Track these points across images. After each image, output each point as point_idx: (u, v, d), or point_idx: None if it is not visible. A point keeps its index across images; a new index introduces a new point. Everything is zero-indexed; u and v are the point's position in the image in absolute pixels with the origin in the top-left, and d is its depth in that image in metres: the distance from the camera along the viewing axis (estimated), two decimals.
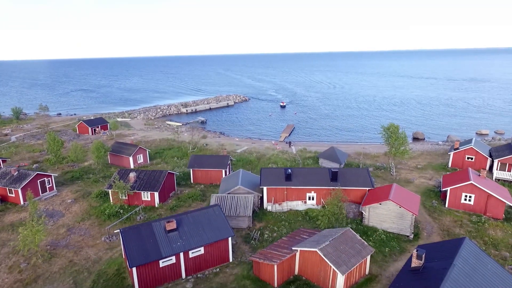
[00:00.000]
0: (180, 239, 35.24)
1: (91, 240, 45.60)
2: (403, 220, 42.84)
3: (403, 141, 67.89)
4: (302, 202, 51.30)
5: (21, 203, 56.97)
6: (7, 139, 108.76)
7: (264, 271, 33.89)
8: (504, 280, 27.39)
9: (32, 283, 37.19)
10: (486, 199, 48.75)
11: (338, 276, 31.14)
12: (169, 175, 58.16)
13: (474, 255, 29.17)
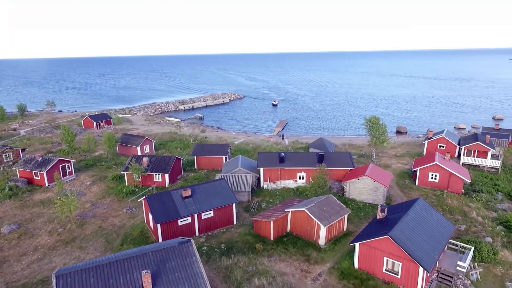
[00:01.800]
0: (194, 204, 43.46)
1: (114, 212, 53.56)
2: (377, 192, 51.58)
3: (383, 131, 76.84)
4: (294, 181, 59.82)
5: (46, 184, 64.47)
6: (17, 133, 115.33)
7: (262, 228, 42.27)
8: (443, 225, 36.23)
9: (71, 242, 45.05)
10: (448, 177, 57.73)
11: (321, 228, 39.65)
12: (177, 160, 66.23)
13: (424, 209, 37.94)
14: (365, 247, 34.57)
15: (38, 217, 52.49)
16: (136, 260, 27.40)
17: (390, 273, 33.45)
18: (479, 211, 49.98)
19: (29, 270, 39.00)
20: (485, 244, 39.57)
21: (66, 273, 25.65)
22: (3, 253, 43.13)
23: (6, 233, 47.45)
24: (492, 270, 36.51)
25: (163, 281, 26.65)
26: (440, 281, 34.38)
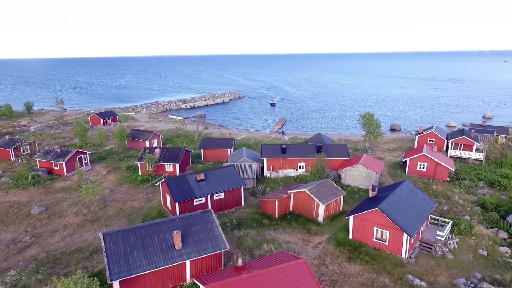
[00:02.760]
0: (207, 186, 48.93)
1: (131, 196, 58.90)
2: (370, 179, 57.24)
3: (377, 126, 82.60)
4: (294, 170, 65.43)
5: (65, 174, 69.63)
6: (27, 129, 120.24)
7: (268, 207, 47.81)
8: (426, 202, 42.09)
9: (96, 221, 50.33)
10: (435, 167, 63.55)
11: (320, 206, 45.24)
12: (186, 151, 71.67)
13: (410, 189, 43.68)
14: (358, 219, 40.17)
15: (62, 201, 57.71)
16: (167, 224, 32.87)
17: (379, 241, 39.05)
18: (461, 195, 55.80)
19: (63, 243, 44.27)
20: (463, 221, 45.34)
21: (111, 232, 31.07)
22: (37, 230, 48.36)
23: (37, 214, 52.67)
24: (468, 241, 42.22)
25: (190, 240, 32.13)
26: (422, 249, 40.03)
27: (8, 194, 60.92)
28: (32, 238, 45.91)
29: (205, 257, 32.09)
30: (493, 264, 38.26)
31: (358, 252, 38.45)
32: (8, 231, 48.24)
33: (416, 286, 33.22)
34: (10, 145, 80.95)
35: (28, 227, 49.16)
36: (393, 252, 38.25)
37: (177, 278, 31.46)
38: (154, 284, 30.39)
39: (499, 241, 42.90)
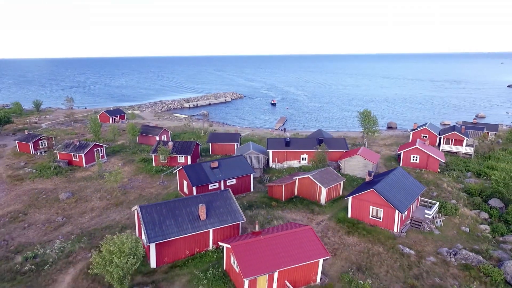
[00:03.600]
0: (221, 173, 54.37)
1: (149, 184, 64.26)
2: (367, 168, 62.76)
3: (374, 122, 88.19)
4: (298, 161, 70.95)
5: (84, 165, 74.91)
6: (39, 126, 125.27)
7: (275, 191, 53.27)
8: (416, 185, 47.67)
9: (119, 205, 55.66)
10: (427, 158, 69.14)
11: (322, 190, 50.74)
12: (196, 145, 77.06)
13: (402, 174, 49.23)
14: (356, 199, 45.67)
15: (85, 188, 63.02)
16: (192, 200, 38.34)
17: (374, 218, 44.54)
18: (449, 183, 61.41)
19: (93, 222, 49.60)
20: (450, 204, 50.93)
21: (146, 206, 36.49)
22: (67, 212, 53.65)
23: (64, 199, 57.97)
24: (453, 220, 47.78)
25: (212, 213, 37.58)
26: (412, 226, 45.55)
27: (34, 183, 66.17)
28: (64, 218, 51.23)
29: (225, 227, 37.52)
30: (474, 238, 43.82)
31: (356, 227, 43.93)
32: (41, 213, 53.55)
33: (406, 254, 38.70)
34: (30, 139, 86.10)
35: (59, 210, 54.47)
36: (386, 228, 43.74)
37: (202, 244, 36.90)
38: (183, 248, 35.81)
39: (480, 220, 48.50)
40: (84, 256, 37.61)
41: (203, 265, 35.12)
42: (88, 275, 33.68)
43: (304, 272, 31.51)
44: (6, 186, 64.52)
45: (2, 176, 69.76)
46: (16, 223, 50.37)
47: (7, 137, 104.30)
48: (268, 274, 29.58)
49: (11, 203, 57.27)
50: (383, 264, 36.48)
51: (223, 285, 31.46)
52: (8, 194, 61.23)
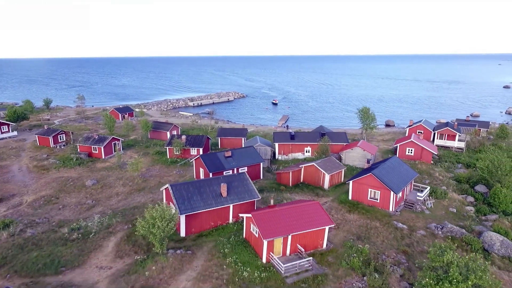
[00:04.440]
0: (233, 161, 60.19)
1: (166, 173, 70.01)
2: (365, 159, 68.55)
3: (372, 119, 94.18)
4: (302, 153, 76.82)
5: (102, 157, 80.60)
6: (51, 123, 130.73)
7: (283, 178, 59.12)
8: (409, 172, 53.66)
9: (141, 190, 61.39)
10: (421, 151, 75.08)
11: (326, 176, 56.61)
12: (207, 138, 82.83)
13: (397, 162, 55.16)
14: (356, 183, 51.54)
15: (107, 177, 68.74)
16: (215, 180, 44.24)
17: (372, 200, 50.39)
18: (441, 172, 67.40)
19: (121, 203, 55.35)
20: (440, 189, 56.83)
21: (176, 184, 42.30)
22: (95, 196, 59.39)
23: (90, 185, 63.71)
24: (442, 203, 53.68)
25: (231, 191, 43.42)
26: (406, 207, 51.43)
27: (60, 172, 71.87)
28: (93, 201, 57.00)
29: (243, 203, 43.32)
30: (459, 217, 49.73)
31: (356, 207, 49.77)
32: (71, 197, 59.29)
33: (399, 228, 44.55)
34: (50, 133, 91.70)
35: (87, 194, 60.22)
36: (383, 208, 49.58)
37: (223, 217, 42.72)
38: (207, 220, 41.62)
39: (466, 203, 54.44)
40: (122, 228, 43.38)
41: (225, 234, 40.89)
42: (129, 241, 39.52)
43: (313, 238, 37.31)
44: (35, 175, 70.21)
45: (29, 166, 75.41)
46: (50, 205, 56.10)
47: (24, 132, 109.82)
48: (283, 237, 35.37)
49: (42, 189, 62.96)
50: (380, 235, 42.33)
51: (244, 248, 37.22)
52: (38, 181, 66.92)
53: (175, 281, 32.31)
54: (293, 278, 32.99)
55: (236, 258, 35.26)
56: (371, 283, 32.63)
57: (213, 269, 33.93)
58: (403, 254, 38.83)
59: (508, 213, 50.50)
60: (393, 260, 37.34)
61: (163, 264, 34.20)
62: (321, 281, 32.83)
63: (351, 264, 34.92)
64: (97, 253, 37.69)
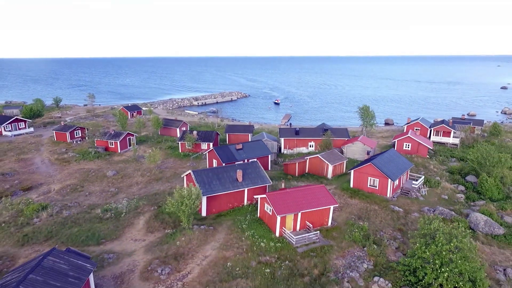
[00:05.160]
0: (244, 153, 65.43)
1: (179, 165, 75.20)
2: (365, 153, 73.85)
3: (372, 116, 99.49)
4: (306, 148, 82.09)
5: (118, 151, 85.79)
6: (63, 120, 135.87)
7: (290, 168, 64.36)
8: (405, 162, 58.88)
9: (159, 180, 66.56)
10: (417, 146, 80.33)
11: (329, 166, 61.87)
12: (216, 134, 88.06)
13: (395, 153, 60.48)
14: (357, 172, 56.78)
15: (125, 168, 73.93)
16: (231, 167, 49.58)
17: (371, 187, 55.62)
18: (435, 165, 72.66)
19: (142, 191, 60.51)
20: (434, 179, 62.08)
21: (197, 170, 47.56)
22: (117, 185, 64.52)
23: (111, 175, 68.87)
24: (435, 191, 58.92)
25: (246, 177, 48.69)
26: (402, 194, 56.68)
27: (80, 164, 77.04)
28: (116, 189, 62.16)
29: (256, 187, 48.57)
30: (450, 203, 54.98)
31: (357, 194, 55.00)
32: (95, 186, 64.46)
33: (396, 211, 49.78)
34: (66, 129, 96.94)
35: (109, 183, 65.38)
36: (381, 194, 54.80)
37: (239, 200, 47.98)
38: (225, 202, 46.87)
39: (457, 191, 59.69)
40: (149, 209, 48.61)
41: (241, 214, 46.10)
42: (157, 219, 44.78)
43: (319, 216, 42.53)
44: (57, 167, 75.40)
45: (50, 159, 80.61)
46: (77, 192, 61.25)
47: (39, 128, 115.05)
48: (294, 214, 40.59)
49: (67, 179, 68.14)
50: (378, 216, 47.57)
51: (259, 225, 42.42)
52: (61, 172, 72.12)
53: (202, 249, 37.54)
54: (303, 248, 38.22)
55: (253, 232, 40.49)
56: (370, 252, 37.85)
57: (234, 241, 39.15)
58: (399, 231, 44.08)
59: (494, 199, 55.72)
60: (390, 236, 42.60)
61: (190, 236, 39.45)
62: (327, 250, 38.07)
63: (353, 238, 40.18)
64: (130, 229, 42.94)
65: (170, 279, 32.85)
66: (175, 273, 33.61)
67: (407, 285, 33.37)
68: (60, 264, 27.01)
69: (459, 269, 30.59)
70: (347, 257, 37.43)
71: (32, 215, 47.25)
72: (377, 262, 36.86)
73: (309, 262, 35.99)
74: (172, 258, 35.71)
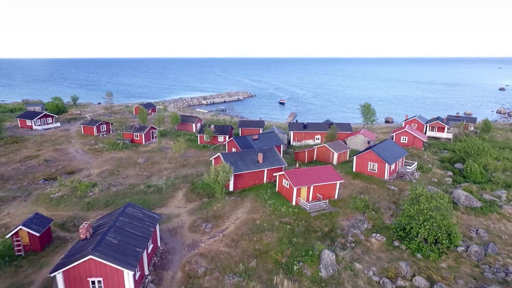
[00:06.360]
0: (260, 143, 74.63)
1: (200, 155, 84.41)
2: (367, 144, 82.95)
3: (373, 113, 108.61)
4: (313, 140, 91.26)
5: (143, 142, 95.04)
6: (83, 117, 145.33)
7: (300, 156, 73.52)
8: (401, 150, 68.01)
9: (184, 166, 75.71)
10: (413, 139, 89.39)
11: (335, 154, 71.00)
12: (231, 128, 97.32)
13: (391, 142, 69.72)
14: (359, 158, 65.87)
15: (153, 157, 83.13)
16: (252, 151, 58.70)
17: (371, 171, 64.67)
18: (429, 155, 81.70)
19: (172, 174, 69.59)
20: (426, 166, 71.12)
21: (225, 153, 56.78)
22: (148, 170, 73.62)
23: (142, 162, 78.08)
24: (427, 175, 67.94)
25: (265, 159, 57.92)
26: (397, 177, 65.75)
27: (111, 153, 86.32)
28: (148, 173, 71.34)
29: (274, 168, 57.75)
30: (439, 185, 63.97)
31: (359, 176, 64.06)
32: (129, 171, 73.63)
33: (392, 189, 58.81)
34: (93, 124, 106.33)
35: (141, 169, 74.57)
36: (379, 176, 63.84)
37: (260, 178, 57.20)
38: (249, 180, 56.09)
39: (446, 176, 68.71)
40: (184, 186, 57.85)
41: (262, 189, 55.27)
42: (193, 192, 54.03)
43: (328, 190, 51.65)
44: (92, 156, 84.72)
45: (84, 149, 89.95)
46: (115, 176, 70.43)
47: (64, 123, 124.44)
48: (307, 186, 49.75)
49: (103, 165, 77.41)
50: (376, 193, 56.65)
51: (278, 197, 51.58)
52: (96, 160, 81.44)
53: (234, 213, 46.73)
54: (315, 213, 47.35)
55: (273, 202, 49.69)
56: (369, 216, 46.98)
57: (259, 207, 48.34)
58: (393, 203, 53.19)
59: (477, 182, 64.68)
60: (386, 206, 51.71)
61: (224, 203, 48.67)
62: (335, 215, 47.19)
63: (356, 206, 49.33)
64: (172, 200, 52.18)
65: (213, 231, 42.07)
66: (216, 228, 42.82)
67: (398, 239, 42.48)
68: (137, 213, 36.20)
69: (437, 223, 39.67)
70: (351, 220, 46.58)
71: (86, 191, 56.49)
72: (375, 224, 45.99)
73: (320, 222, 45.14)
74: (212, 217, 44.93)
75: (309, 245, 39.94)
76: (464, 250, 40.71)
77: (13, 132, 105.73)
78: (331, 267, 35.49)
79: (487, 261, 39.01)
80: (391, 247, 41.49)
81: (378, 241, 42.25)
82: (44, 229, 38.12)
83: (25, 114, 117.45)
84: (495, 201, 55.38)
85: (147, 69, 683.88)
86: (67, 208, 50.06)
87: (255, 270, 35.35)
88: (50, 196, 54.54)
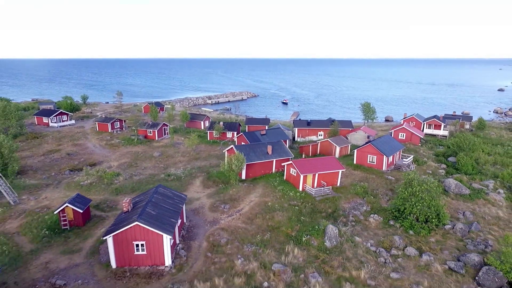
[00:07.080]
0: (267, 137, 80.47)
1: (211, 149, 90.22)
2: (367, 140, 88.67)
3: (373, 112, 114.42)
4: (316, 136, 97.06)
5: (156, 138, 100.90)
6: (94, 115, 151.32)
7: (305, 150, 79.32)
8: (398, 144, 73.69)
9: (197, 159, 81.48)
10: (411, 135, 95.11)
11: (337, 148, 76.80)
12: (239, 125, 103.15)
13: (389, 137, 75.39)
14: (359, 151, 71.65)
15: (166, 151, 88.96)
16: (262, 143, 64.54)
17: (370, 163, 70.41)
18: (425, 150, 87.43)
19: (187, 166, 75.44)
20: (421, 159, 76.84)
21: (238, 146, 62.64)
22: (164, 163, 79.46)
23: (157, 156, 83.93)
24: (422, 168, 73.65)
25: (274, 151, 63.78)
26: (395, 168, 71.48)
27: (127, 148, 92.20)
28: (164, 165, 77.18)
29: (281, 159, 63.58)
30: (433, 176, 69.65)
31: (359, 167, 69.86)
32: (146, 163, 79.46)
33: (389, 179, 64.51)
34: (108, 121, 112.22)
35: (157, 162, 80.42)
36: (378, 168, 69.58)
37: (269, 168, 63.08)
38: (259, 169, 61.95)
39: (440, 168, 74.43)
40: (200, 174, 63.73)
41: (271, 178, 61.11)
42: (209, 180, 59.87)
43: (331, 178, 57.44)
44: (109, 150, 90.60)
45: (101, 144, 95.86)
46: (133, 168, 76.24)
47: (78, 121, 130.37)
48: (312, 174, 55.56)
49: (121, 159, 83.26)
50: (375, 182, 62.42)
51: (286, 184, 57.40)
52: (114, 153, 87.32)
53: (247, 197, 52.59)
54: (320, 198, 53.14)
55: (282, 188, 55.55)
56: (368, 200, 52.76)
57: (269, 192, 54.18)
58: (390, 190, 58.95)
59: (468, 173, 70.39)
60: (383, 193, 57.48)
61: (238, 188, 54.58)
62: (337, 199, 53.00)
63: (356, 191, 55.15)
64: (191, 186, 58.06)
65: (230, 211, 47.95)
66: (233, 208, 48.70)
67: (393, 219, 48.26)
68: (167, 192, 42.07)
69: (427, 204, 45.43)
70: (352, 203, 52.40)
71: (111, 179, 62.38)
72: (373, 206, 51.81)
73: (324, 205, 50.97)
74: (229, 200, 50.85)
75: (315, 222, 45.75)
76: (451, 228, 46.47)
77: (31, 129, 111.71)
78: (334, 239, 41.28)
79: (470, 236, 44.76)
80: (387, 226, 47.27)
81: (376, 221, 48.02)
82: (85, 207, 43.98)
83: (42, 112, 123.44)
84: (483, 189, 61.07)
85: (149, 69, 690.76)
86: (98, 193, 55.92)
87: (269, 241, 41.18)
88: (80, 183, 60.39)
